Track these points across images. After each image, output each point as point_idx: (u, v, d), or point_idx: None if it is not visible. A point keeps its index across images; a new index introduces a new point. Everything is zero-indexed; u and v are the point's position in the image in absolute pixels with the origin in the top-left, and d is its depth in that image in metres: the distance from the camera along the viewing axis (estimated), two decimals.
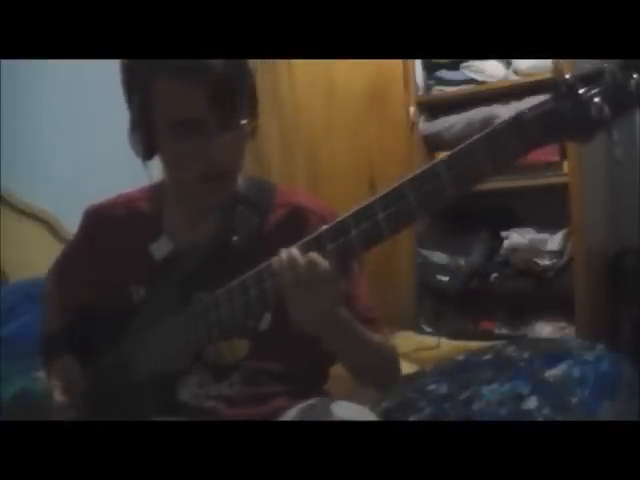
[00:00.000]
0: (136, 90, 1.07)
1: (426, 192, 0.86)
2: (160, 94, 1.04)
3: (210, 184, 1.08)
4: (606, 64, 0.77)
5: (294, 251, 0.93)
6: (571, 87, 0.78)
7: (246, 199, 1.15)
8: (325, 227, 0.93)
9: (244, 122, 1.06)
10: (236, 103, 1.04)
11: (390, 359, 1.18)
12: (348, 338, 1.06)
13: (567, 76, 0.78)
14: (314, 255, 0.91)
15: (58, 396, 1.11)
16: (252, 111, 1.10)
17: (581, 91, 0.77)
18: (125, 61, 1.08)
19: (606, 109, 0.76)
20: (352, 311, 1.07)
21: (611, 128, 0.77)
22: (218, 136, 1.03)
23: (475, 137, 0.83)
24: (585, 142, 0.80)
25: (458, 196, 0.85)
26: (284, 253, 0.93)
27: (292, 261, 0.92)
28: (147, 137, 1.08)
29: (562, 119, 0.78)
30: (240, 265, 1.01)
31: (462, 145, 0.84)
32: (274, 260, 0.94)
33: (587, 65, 0.79)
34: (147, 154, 1.10)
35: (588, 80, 0.77)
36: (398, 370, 1.20)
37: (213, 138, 1.03)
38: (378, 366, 1.15)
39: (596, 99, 0.76)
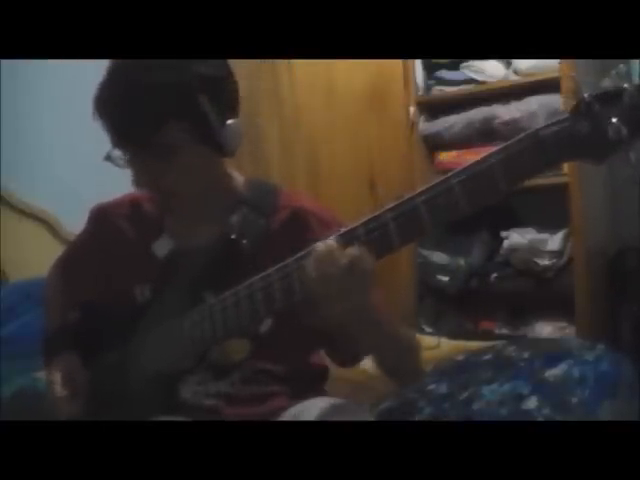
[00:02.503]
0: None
1: (438, 206, 0.85)
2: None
3: (170, 203, 1.11)
4: (626, 85, 0.76)
5: (332, 243, 0.89)
6: (589, 107, 0.77)
7: (250, 201, 1.15)
8: (342, 230, 0.91)
9: (161, 151, 1.05)
10: (150, 137, 1.03)
11: (414, 351, 1.17)
12: (376, 328, 1.03)
13: (586, 95, 0.78)
14: (356, 248, 0.88)
15: (59, 393, 1.11)
16: (201, 139, 1.06)
17: (599, 111, 0.76)
18: None
19: (624, 130, 0.75)
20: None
21: (629, 149, 0.76)
22: (134, 166, 1.08)
23: (490, 152, 0.83)
24: (601, 163, 0.79)
25: (470, 211, 0.84)
26: (321, 245, 0.90)
27: (332, 252, 0.89)
28: None
29: (579, 139, 0.78)
30: (246, 267, 1.01)
31: (476, 161, 0.83)
32: (311, 251, 0.91)
33: (606, 81, 0.78)
34: None
35: (607, 100, 0.77)
36: (420, 362, 1.18)
37: (132, 167, 1.08)
38: (403, 357, 1.13)
39: (614, 120, 0.75)
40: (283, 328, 1.10)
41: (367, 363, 2.16)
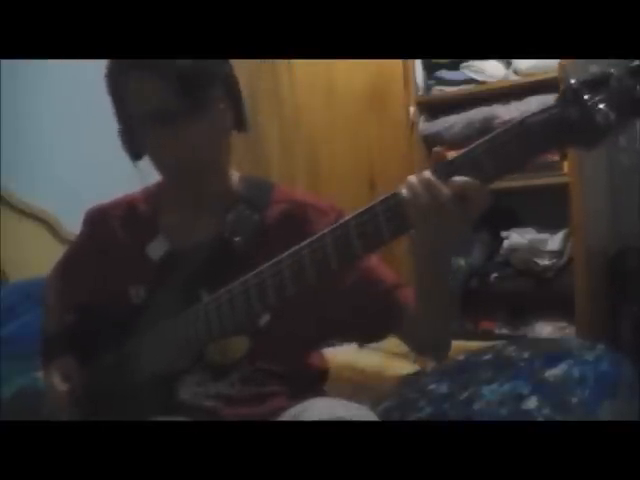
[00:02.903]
0: (113, 90, 1.10)
1: None
2: (129, 86, 1.07)
3: (187, 174, 1.09)
4: (612, 69, 0.76)
5: (428, 174, 0.85)
6: (576, 93, 0.77)
7: (245, 198, 1.15)
8: (330, 228, 0.91)
9: (211, 108, 1.07)
10: (200, 92, 1.05)
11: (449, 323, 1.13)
12: (444, 282, 1.00)
13: (572, 81, 0.77)
14: (461, 178, 0.83)
15: (56, 395, 1.11)
16: (230, 97, 1.11)
17: (587, 97, 0.76)
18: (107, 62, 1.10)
19: (612, 116, 0.74)
20: (381, 277, 1.10)
21: (617, 135, 0.76)
22: (183, 125, 1.05)
23: (477, 142, 0.82)
24: (590, 149, 0.78)
25: None
26: (415, 177, 0.86)
27: (430, 185, 0.84)
28: (129, 135, 1.12)
29: (567, 126, 0.77)
30: (242, 264, 1.01)
31: (464, 151, 0.83)
32: (407, 184, 0.86)
33: (594, 67, 0.78)
34: (134, 154, 1.14)
35: (594, 86, 0.76)
36: (450, 339, 1.16)
37: (178, 127, 1.04)
38: (444, 324, 1.09)
39: (602, 105, 0.75)
40: (282, 326, 1.10)
41: (368, 362, 2.16)
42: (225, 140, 1.13)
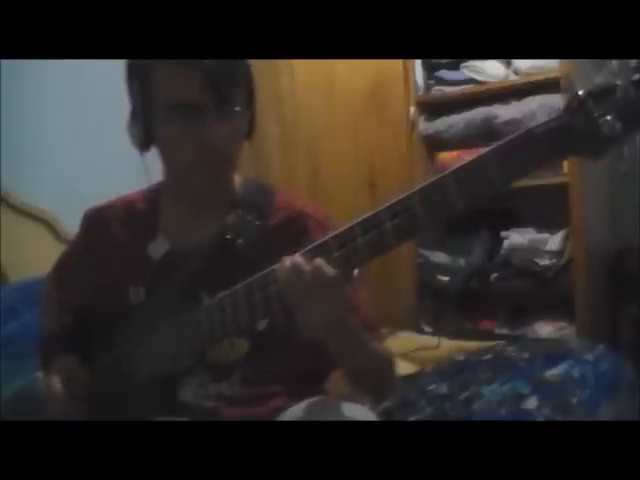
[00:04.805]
0: (136, 75, 1.09)
1: (434, 204, 0.85)
2: (158, 78, 1.06)
3: (203, 171, 1.09)
4: (618, 80, 0.76)
5: (298, 258, 0.91)
6: (583, 103, 0.77)
7: (245, 202, 1.15)
8: (333, 233, 0.92)
9: (238, 109, 1.08)
10: (232, 91, 1.06)
11: (388, 367, 1.17)
12: (351, 345, 1.04)
13: (579, 92, 0.78)
14: (320, 261, 0.89)
15: (57, 395, 1.11)
16: (249, 102, 1.12)
17: (593, 107, 0.76)
18: None
19: (618, 126, 0.75)
20: (353, 319, 1.06)
21: (622, 145, 0.76)
22: (213, 121, 1.05)
23: (483, 152, 0.83)
24: (596, 159, 0.79)
25: (465, 209, 0.84)
26: (288, 260, 0.92)
27: (297, 267, 0.90)
28: (145, 124, 1.10)
29: (573, 136, 0.78)
30: (241, 268, 1.01)
31: (472, 159, 0.83)
32: (278, 267, 0.93)
33: (598, 77, 0.78)
34: (144, 143, 1.12)
35: (600, 96, 0.77)
36: (395, 379, 1.20)
37: (207, 123, 1.05)
38: (377, 374, 1.14)
39: (608, 116, 0.76)
40: (281, 328, 1.10)
41: None
42: (241, 144, 1.13)
